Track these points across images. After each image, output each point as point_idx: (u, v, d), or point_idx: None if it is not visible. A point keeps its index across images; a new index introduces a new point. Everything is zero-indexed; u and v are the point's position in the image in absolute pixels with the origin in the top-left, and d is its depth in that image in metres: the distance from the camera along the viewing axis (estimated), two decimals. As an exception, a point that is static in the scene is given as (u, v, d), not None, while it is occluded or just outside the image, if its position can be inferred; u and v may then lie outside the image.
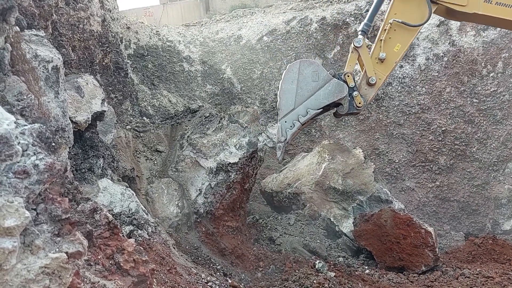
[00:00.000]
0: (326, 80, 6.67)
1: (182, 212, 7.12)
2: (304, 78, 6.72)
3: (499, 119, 9.62)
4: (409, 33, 6.75)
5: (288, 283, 6.26)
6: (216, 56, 10.87)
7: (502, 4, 6.41)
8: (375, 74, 6.65)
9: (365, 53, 6.69)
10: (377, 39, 6.77)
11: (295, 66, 6.77)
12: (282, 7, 11.85)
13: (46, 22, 5.83)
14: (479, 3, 6.46)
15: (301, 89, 6.69)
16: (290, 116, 6.65)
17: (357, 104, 6.70)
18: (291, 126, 6.63)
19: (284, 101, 6.71)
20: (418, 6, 6.65)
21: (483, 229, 9.36)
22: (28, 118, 2.67)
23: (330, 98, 6.70)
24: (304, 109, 6.66)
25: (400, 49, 6.74)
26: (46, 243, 1.96)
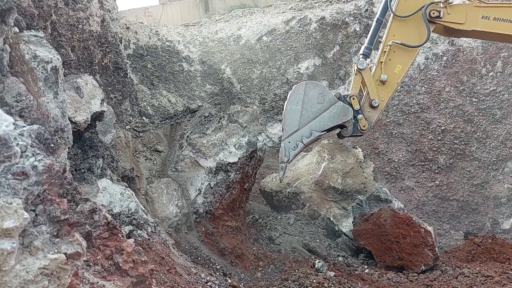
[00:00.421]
0: (332, 102, 6.68)
1: (182, 212, 7.13)
2: (309, 100, 6.71)
3: (499, 118, 9.63)
4: (408, 54, 6.76)
5: (287, 283, 6.27)
6: (216, 56, 10.87)
7: (500, 20, 6.45)
8: (378, 96, 6.69)
9: (368, 75, 6.71)
10: (377, 61, 6.80)
11: (301, 88, 6.78)
12: (282, 7, 11.85)
13: (45, 22, 5.84)
14: (477, 20, 6.51)
15: (306, 110, 6.69)
16: (293, 137, 6.66)
17: (362, 127, 6.75)
18: (294, 147, 6.64)
19: (289, 121, 6.72)
20: (416, 27, 6.65)
21: (483, 228, 9.36)
22: (27, 119, 2.67)
23: (335, 120, 6.72)
24: (308, 131, 6.67)
25: (401, 70, 6.75)
26: (45, 244, 1.96)
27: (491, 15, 6.48)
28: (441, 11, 6.50)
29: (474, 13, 6.53)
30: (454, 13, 6.54)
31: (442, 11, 6.50)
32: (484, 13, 6.51)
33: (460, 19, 6.55)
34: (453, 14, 6.54)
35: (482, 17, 6.50)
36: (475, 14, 6.53)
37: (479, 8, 6.54)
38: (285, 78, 10.82)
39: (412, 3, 6.62)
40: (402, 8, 6.67)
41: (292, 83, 10.76)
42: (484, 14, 6.51)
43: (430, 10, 6.52)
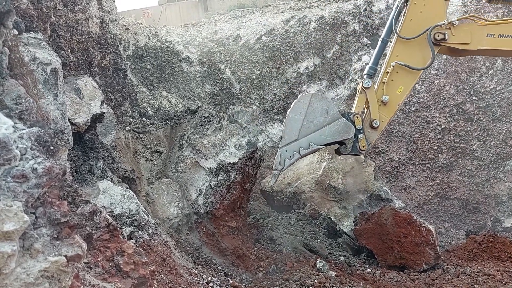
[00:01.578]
0: (335, 118, 6.65)
1: (183, 213, 7.12)
2: (313, 111, 6.66)
3: (499, 116, 9.62)
4: (411, 75, 6.70)
5: (289, 283, 6.27)
6: (215, 57, 10.87)
7: (505, 36, 6.40)
8: (379, 116, 6.65)
9: (372, 95, 6.69)
10: (379, 81, 6.77)
11: (306, 98, 6.75)
12: (281, 7, 11.84)
13: (44, 24, 5.83)
14: (482, 39, 6.46)
15: (308, 121, 6.65)
16: (291, 147, 6.63)
17: (361, 147, 6.69)
18: (290, 157, 6.61)
19: (289, 130, 6.68)
20: (420, 49, 6.60)
21: (484, 227, 9.35)
22: (27, 122, 2.67)
23: (335, 137, 6.69)
24: (307, 142, 6.62)
25: (403, 91, 6.70)
26: (45, 246, 1.96)
27: (496, 33, 6.43)
28: (445, 33, 6.45)
29: (479, 32, 6.49)
30: (459, 33, 6.49)
31: (447, 33, 6.45)
32: (489, 31, 6.46)
33: (466, 39, 6.50)
34: (458, 35, 6.49)
35: (487, 35, 6.45)
36: (480, 33, 6.48)
37: (484, 27, 6.50)
38: (285, 78, 10.81)
39: (417, 25, 6.58)
40: (406, 29, 6.63)
41: (292, 83, 10.77)
42: (489, 32, 6.46)
43: (434, 32, 6.47)
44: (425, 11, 6.58)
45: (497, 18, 9.80)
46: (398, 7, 6.82)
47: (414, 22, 6.62)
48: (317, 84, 10.82)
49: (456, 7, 10.19)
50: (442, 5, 6.61)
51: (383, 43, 6.92)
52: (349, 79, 10.74)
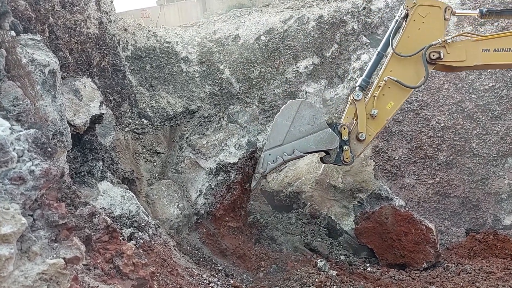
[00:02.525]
0: (321, 127, 6.72)
1: (183, 213, 7.12)
2: (300, 118, 6.76)
3: (498, 114, 9.60)
4: (403, 92, 6.71)
5: (290, 282, 6.26)
6: (214, 57, 10.85)
7: (500, 50, 6.38)
8: (366, 129, 6.68)
9: (362, 108, 6.70)
10: (370, 94, 6.77)
11: (295, 104, 6.86)
12: (279, 6, 11.83)
13: (42, 25, 5.82)
14: (477, 54, 6.44)
15: (295, 128, 6.74)
16: (275, 151, 6.71)
17: (345, 158, 6.77)
18: (273, 161, 6.71)
19: (275, 134, 6.80)
20: (415, 66, 6.59)
21: (484, 225, 9.34)
22: (24, 124, 2.66)
23: (320, 146, 6.78)
24: (291, 149, 6.71)
25: (393, 107, 6.72)
26: (43, 249, 1.95)
27: (491, 47, 6.41)
28: (440, 51, 6.43)
29: (474, 48, 6.46)
30: (454, 51, 6.47)
31: (442, 52, 6.43)
32: (484, 46, 6.44)
33: (461, 56, 6.47)
34: (453, 52, 6.47)
35: (482, 50, 6.43)
36: (475, 49, 6.46)
37: (478, 42, 6.48)
38: (284, 78, 10.80)
39: (414, 42, 6.55)
40: (403, 45, 6.61)
41: (291, 82, 10.75)
42: (484, 47, 6.44)
43: (430, 52, 6.45)
44: (423, 29, 6.55)
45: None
46: (397, 21, 6.79)
47: (411, 39, 6.59)
48: (316, 83, 10.81)
49: (454, 5, 10.17)
50: (441, 24, 6.58)
51: (379, 57, 6.89)
52: (349, 78, 10.73)
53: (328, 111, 10.67)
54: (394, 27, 6.78)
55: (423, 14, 6.55)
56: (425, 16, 6.56)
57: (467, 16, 9.73)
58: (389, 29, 6.95)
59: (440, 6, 6.60)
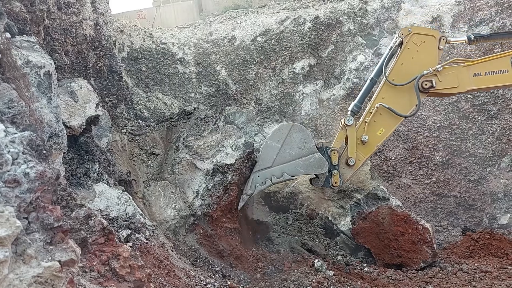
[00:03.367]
0: (311, 151, 6.79)
1: (180, 215, 7.11)
2: (291, 141, 6.83)
3: (494, 114, 9.65)
4: (394, 119, 6.75)
5: (287, 283, 6.26)
6: (211, 58, 10.85)
7: (491, 73, 6.42)
8: (356, 155, 6.75)
9: (353, 133, 6.75)
10: (362, 120, 6.81)
11: (286, 127, 6.94)
12: (275, 7, 11.84)
13: (38, 27, 5.81)
14: (469, 80, 6.47)
15: (284, 151, 6.81)
16: (264, 173, 6.82)
17: (333, 182, 6.86)
18: (262, 183, 6.82)
19: (264, 156, 6.91)
20: (408, 94, 6.60)
21: (480, 224, 9.38)
22: (19, 126, 2.65)
23: (308, 170, 6.88)
24: (280, 171, 6.79)
25: (383, 133, 6.77)
26: (39, 252, 1.95)
27: (482, 71, 6.45)
28: (432, 80, 6.46)
29: (465, 74, 6.49)
30: (446, 78, 6.49)
31: (434, 80, 6.46)
32: (475, 71, 6.47)
33: (453, 83, 6.50)
34: (445, 80, 6.50)
35: (473, 75, 6.46)
36: (466, 74, 6.49)
37: (469, 67, 6.51)
38: (281, 78, 10.81)
39: (407, 70, 6.58)
40: (396, 73, 6.63)
41: (288, 83, 10.76)
42: (474, 71, 6.47)
43: (422, 81, 6.47)
44: (417, 57, 6.58)
45: (490, 17, 9.84)
46: (391, 48, 6.81)
47: (405, 67, 6.61)
48: (312, 84, 10.83)
49: (450, 6, 10.22)
50: (435, 53, 6.62)
51: (372, 82, 6.91)
52: (345, 79, 10.75)
53: (325, 112, 10.69)
54: (388, 54, 6.80)
55: (418, 43, 6.59)
56: (420, 44, 6.59)
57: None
58: (383, 56, 6.97)
59: (435, 36, 6.68)
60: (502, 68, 6.42)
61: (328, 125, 10.57)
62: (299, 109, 10.74)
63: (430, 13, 10.33)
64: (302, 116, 10.73)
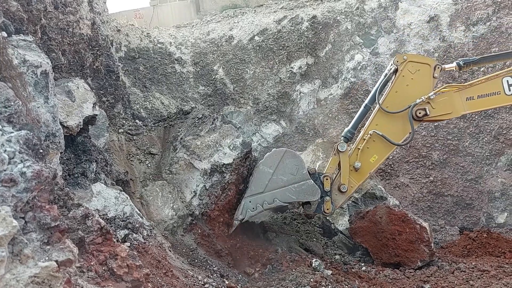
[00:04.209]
0: (303, 178, 6.74)
1: (177, 215, 7.10)
2: (283, 167, 6.78)
3: (491, 113, 9.67)
4: (387, 147, 6.72)
5: (285, 283, 6.25)
6: (208, 57, 10.84)
7: (484, 96, 6.41)
8: (348, 181, 6.70)
9: (345, 160, 6.71)
10: (355, 146, 6.78)
11: (279, 153, 6.89)
12: (273, 7, 11.83)
13: (35, 26, 5.78)
14: (463, 104, 6.47)
15: (277, 176, 6.75)
16: (255, 199, 6.72)
17: (325, 209, 6.80)
18: (253, 209, 6.71)
19: (256, 181, 6.82)
20: (402, 122, 6.58)
21: (478, 223, 9.40)
22: (16, 125, 2.63)
23: (300, 197, 6.81)
24: (272, 198, 6.71)
25: (376, 160, 6.74)
26: (35, 252, 1.93)
27: (474, 95, 6.43)
28: (426, 108, 6.44)
29: (457, 99, 6.48)
30: (439, 106, 6.48)
31: (427, 108, 6.44)
32: (467, 95, 6.46)
33: (447, 109, 6.50)
34: (438, 107, 6.48)
35: (466, 99, 6.44)
36: (458, 99, 6.47)
37: (460, 92, 6.50)
38: (278, 78, 10.81)
39: (401, 98, 6.57)
40: (390, 100, 6.61)
41: (286, 83, 10.76)
42: (467, 96, 6.45)
43: (416, 110, 6.45)
44: (412, 85, 6.55)
45: (487, 16, 9.87)
46: (386, 75, 6.77)
47: (399, 94, 6.58)
48: (310, 84, 10.83)
49: (447, 5, 10.24)
50: (430, 81, 6.58)
51: (365, 109, 6.87)
52: (342, 78, 10.76)
53: (322, 111, 10.69)
54: (383, 81, 6.76)
55: (413, 71, 6.56)
56: (414, 72, 6.55)
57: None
58: (377, 83, 6.92)
59: (430, 64, 6.64)
60: (494, 90, 6.40)
61: (325, 125, 10.58)
62: (297, 109, 10.74)
63: (427, 12, 10.35)
64: (300, 115, 10.73)
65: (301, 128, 10.64)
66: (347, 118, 10.27)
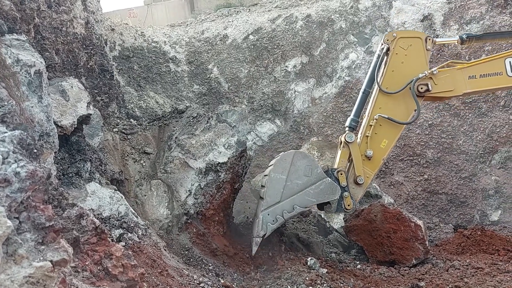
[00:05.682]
0: (319, 177, 6.33)
1: (173, 214, 7.09)
2: (296, 171, 6.33)
3: (484, 111, 9.74)
4: (395, 128, 6.51)
5: (280, 281, 6.26)
6: (203, 56, 10.82)
7: (486, 75, 6.32)
8: (364, 172, 6.42)
9: (356, 150, 6.45)
10: (363, 135, 6.54)
11: (288, 156, 6.41)
12: (267, 5, 11.84)
13: (28, 26, 5.74)
14: (465, 83, 6.35)
15: (291, 182, 6.30)
16: (274, 210, 6.24)
17: (346, 205, 6.43)
18: (273, 221, 6.24)
19: (271, 191, 6.28)
20: (404, 101, 6.42)
21: (472, 221, 9.47)
22: (10, 125, 2.62)
23: (320, 198, 6.35)
24: (291, 205, 6.25)
25: (387, 145, 6.53)
26: (30, 252, 1.93)
27: (477, 73, 6.34)
28: (428, 83, 6.31)
29: (460, 76, 6.37)
30: (441, 82, 6.36)
31: (430, 84, 6.31)
32: (469, 73, 6.36)
33: (449, 86, 6.37)
34: (440, 83, 6.36)
35: (468, 77, 6.35)
36: (460, 77, 6.37)
37: (463, 70, 6.40)
38: (273, 77, 10.82)
39: (399, 76, 6.43)
40: (388, 80, 6.46)
41: (280, 82, 10.77)
42: (469, 74, 6.36)
43: (418, 85, 6.31)
44: (407, 61, 6.44)
45: (481, 15, 9.93)
46: (379, 56, 6.63)
47: (396, 73, 6.46)
48: (305, 82, 10.84)
49: (441, 4, 10.29)
50: (423, 55, 6.48)
51: (365, 94, 6.69)
52: (337, 77, 10.78)
53: (317, 110, 10.71)
54: (377, 63, 6.59)
55: (405, 47, 6.45)
56: (407, 48, 6.45)
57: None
58: (371, 65, 6.75)
59: (421, 37, 6.53)
60: (496, 70, 6.32)
61: (320, 123, 10.60)
62: (292, 107, 10.76)
63: (421, 11, 10.40)
64: (295, 114, 10.75)
65: (296, 126, 10.66)
66: (342, 117, 10.30)
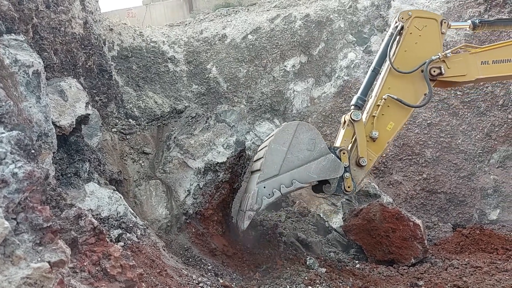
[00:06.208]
0: (323, 153, 5.92)
1: (171, 214, 7.08)
2: (298, 143, 5.90)
3: (483, 110, 9.75)
4: (404, 111, 6.23)
5: (279, 281, 6.27)
6: (201, 56, 10.82)
7: (499, 61, 6.17)
8: (367, 154, 6.11)
9: (361, 130, 6.14)
10: (369, 115, 6.26)
11: (291, 127, 5.97)
12: (266, 5, 11.83)
13: (26, 26, 5.73)
14: (477, 68, 6.18)
15: (292, 154, 5.87)
16: (271, 183, 5.78)
17: (346, 187, 6.06)
18: (269, 195, 5.77)
19: (269, 163, 5.83)
20: (413, 82, 6.18)
21: (470, 220, 9.47)
22: (7, 125, 2.61)
23: (322, 175, 5.92)
24: (289, 179, 5.80)
25: (393, 128, 6.24)
26: (28, 253, 1.92)
27: (489, 59, 6.20)
28: (441, 67, 6.11)
29: (473, 61, 6.21)
30: (454, 65, 6.18)
31: (443, 67, 6.12)
32: (482, 58, 6.21)
33: (462, 71, 6.19)
34: (453, 67, 6.18)
35: (481, 63, 6.19)
36: (474, 61, 6.21)
37: (476, 54, 6.23)
38: (272, 76, 10.81)
39: (412, 57, 6.20)
40: (400, 60, 6.21)
41: (279, 81, 10.76)
42: (482, 59, 6.20)
43: (430, 67, 6.08)
44: (420, 42, 6.22)
45: (479, 14, 9.93)
46: (392, 34, 6.35)
47: (409, 53, 6.22)
48: (303, 82, 10.84)
49: (439, 3, 10.29)
50: (438, 37, 6.29)
51: (374, 72, 6.40)
52: (336, 76, 10.78)
53: (316, 109, 10.71)
54: (390, 41, 6.28)
55: (420, 27, 6.23)
56: (422, 29, 6.22)
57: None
58: (384, 42, 6.45)
59: (437, 19, 6.31)
60: (509, 57, 6.20)
61: (319, 123, 10.60)
62: (290, 107, 10.75)
63: (419, 10, 10.38)
64: (293, 113, 10.74)
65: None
66: (341, 116, 10.30)
